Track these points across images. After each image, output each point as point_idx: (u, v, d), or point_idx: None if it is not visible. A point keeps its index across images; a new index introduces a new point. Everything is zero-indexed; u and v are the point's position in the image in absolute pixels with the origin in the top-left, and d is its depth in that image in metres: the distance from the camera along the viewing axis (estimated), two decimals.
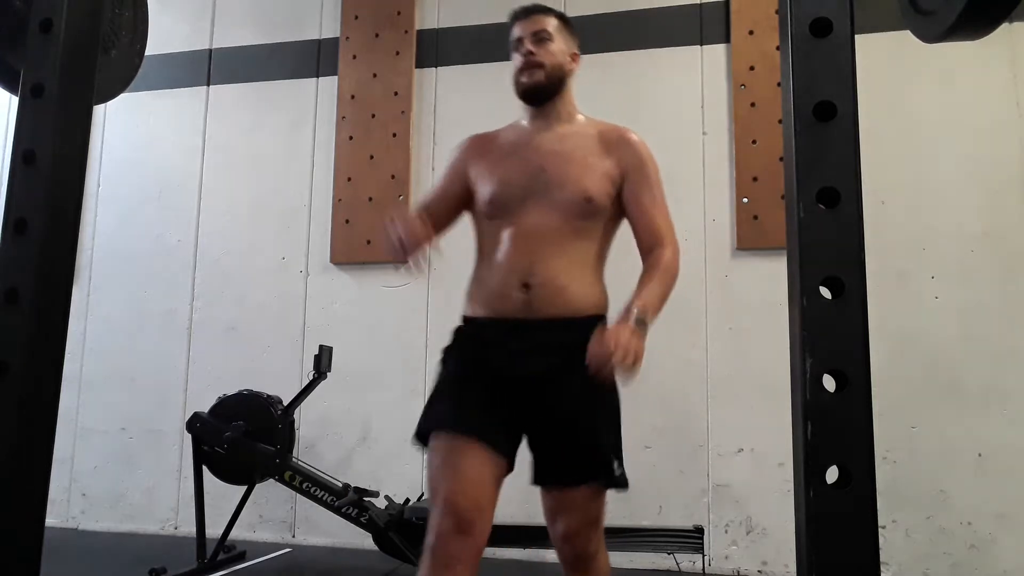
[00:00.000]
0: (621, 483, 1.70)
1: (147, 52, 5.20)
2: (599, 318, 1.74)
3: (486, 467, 1.56)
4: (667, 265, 1.71)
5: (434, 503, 1.53)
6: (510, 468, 1.63)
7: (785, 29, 0.83)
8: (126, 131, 4.64)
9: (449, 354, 1.75)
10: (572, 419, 1.63)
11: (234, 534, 3.45)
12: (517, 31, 1.83)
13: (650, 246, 1.74)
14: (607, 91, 3.99)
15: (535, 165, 1.75)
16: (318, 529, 3.93)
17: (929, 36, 1.06)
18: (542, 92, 1.79)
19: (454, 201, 1.82)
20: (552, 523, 1.69)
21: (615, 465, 1.67)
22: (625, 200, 1.76)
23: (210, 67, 4.56)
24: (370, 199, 4.15)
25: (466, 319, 1.76)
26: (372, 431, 3.99)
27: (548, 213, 1.70)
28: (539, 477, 1.68)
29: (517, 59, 1.81)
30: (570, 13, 4.08)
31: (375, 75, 4.25)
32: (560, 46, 1.81)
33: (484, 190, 1.77)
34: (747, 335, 3.63)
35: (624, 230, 1.83)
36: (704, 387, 3.65)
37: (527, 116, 1.86)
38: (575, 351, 1.56)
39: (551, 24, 1.83)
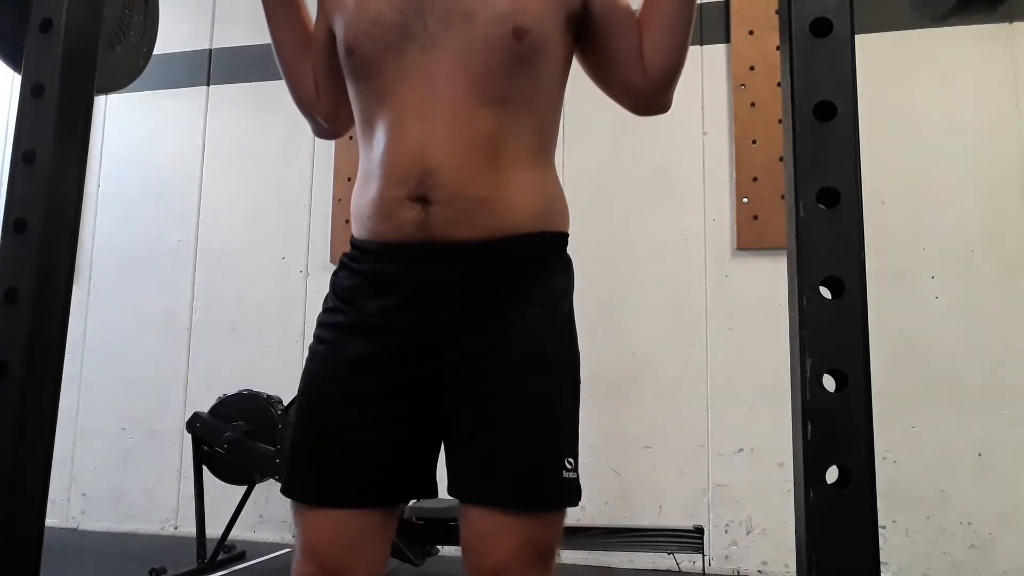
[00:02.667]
0: (572, 496, 1.04)
1: None
2: (549, 236, 1.11)
3: (362, 547, 1.05)
4: None
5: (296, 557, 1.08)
6: (428, 492, 1.10)
7: (785, 29, 0.83)
8: (126, 131, 4.64)
9: (317, 332, 1.20)
10: (502, 399, 1.02)
11: (234, 534, 3.45)
12: None
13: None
14: None
15: None
16: None
17: (935, 14, 0.99)
18: None
19: (335, 51, 1.16)
20: (473, 559, 1.02)
21: (567, 467, 1.03)
22: (600, 16, 1.13)
23: (210, 67, 4.56)
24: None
25: (351, 245, 1.16)
26: None
27: (447, 69, 1.03)
28: (454, 487, 1.06)
29: None
30: None
31: None
32: None
33: (338, 31, 1.13)
34: (747, 335, 3.63)
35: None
36: (704, 387, 3.65)
37: None
38: (503, 290, 1.05)
39: None
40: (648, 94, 1.18)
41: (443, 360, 1.05)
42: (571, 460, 1.03)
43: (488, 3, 1.03)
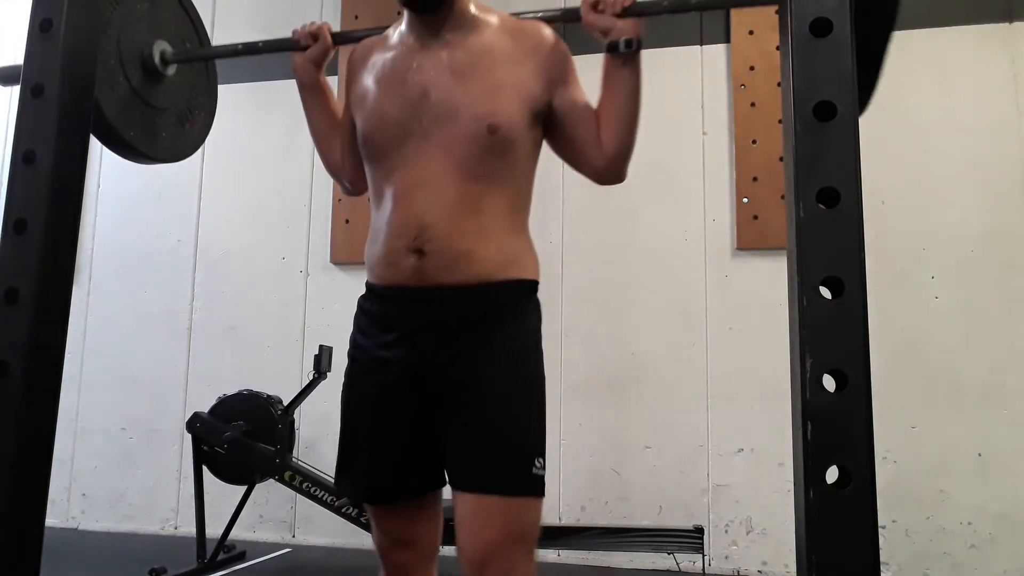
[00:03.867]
0: (537, 488, 1.29)
1: None
2: (519, 283, 1.37)
3: (414, 519, 1.39)
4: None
5: (381, 567, 1.43)
6: (436, 485, 1.40)
7: (785, 29, 0.83)
8: None
9: (351, 357, 1.45)
10: (473, 411, 1.30)
11: (234, 534, 3.45)
12: None
13: None
14: None
15: (416, 91, 1.35)
16: (318, 529, 3.93)
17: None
18: None
19: (353, 135, 1.49)
20: (462, 538, 1.27)
21: (536, 465, 1.28)
22: (562, 112, 1.39)
23: None
24: (370, 199, 4.15)
25: (367, 287, 1.47)
26: None
27: (437, 156, 1.32)
28: (451, 479, 1.35)
29: None
30: None
31: None
32: None
33: (358, 125, 1.44)
34: (747, 335, 3.63)
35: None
36: (704, 387, 3.65)
37: (407, 20, 1.43)
38: (482, 325, 1.32)
39: None
40: (605, 170, 1.42)
41: (436, 383, 1.33)
42: (540, 460, 1.30)
43: (468, 106, 1.32)
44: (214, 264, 4.38)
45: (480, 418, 1.29)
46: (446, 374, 1.32)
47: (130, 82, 1.48)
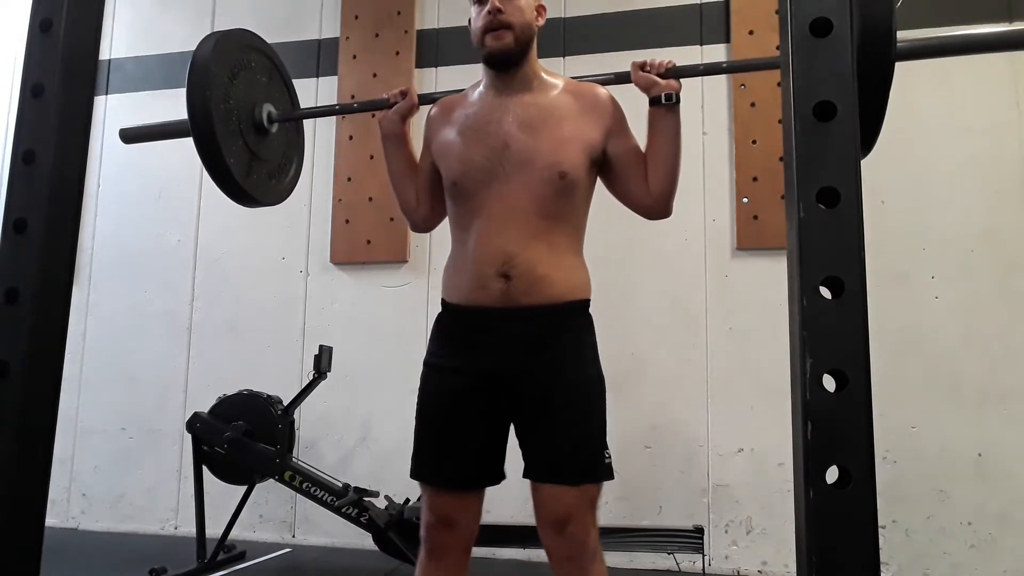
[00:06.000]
0: (608, 474, 1.60)
1: (147, 52, 5.18)
2: (581, 303, 1.65)
3: (464, 505, 1.61)
4: None
5: (423, 545, 1.62)
6: (500, 479, 1.66)
7: (785, 29, 0.83)
8: None
9: (429, 364, 1.68)
10: (557, 412, 1.56)
11: (234, 534, 3.45)
12: None
13: None
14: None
15: (499, 141, 1.60)
16: (318, 529, 3.93)
17: None
18: (510, 57, 1.62)
19: (436, 178, 1.73)
20: (542, 515, 1.56)
21: (605, 457, 1.59)
22: (615, 157, 1.65)
23: None
24: (370, 199, 4.15)
25: (445, 304, 1.69)
26: (372, 431, 3.99)
27: (518, 196, 1.57)
28: (529, 471, 1.60)
29: (480, 15, 1.64)
30: (570, 13, 4.11)
31: (375, 75, 4.25)
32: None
33: (445, 171, 1.67)
34: (747, 335, 3.63)
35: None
36: (704, 387, 3.65)
37: (488, 81, 1.69)
38: (557, 340, 1.57)
39: None
40: (652, 207, 1.68)
41: (516, 389, 1.58)
42: (607, 452, 1.60)
43: (542, 156, 1.58)
44: (214, 264, 4.38)
45: (559, 420, 1.55)
46: (525, 381, 1.56)
47: (244, 137, 1.77)
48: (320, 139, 4.33)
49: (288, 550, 3.83)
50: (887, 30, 1.18)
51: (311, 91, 4.40)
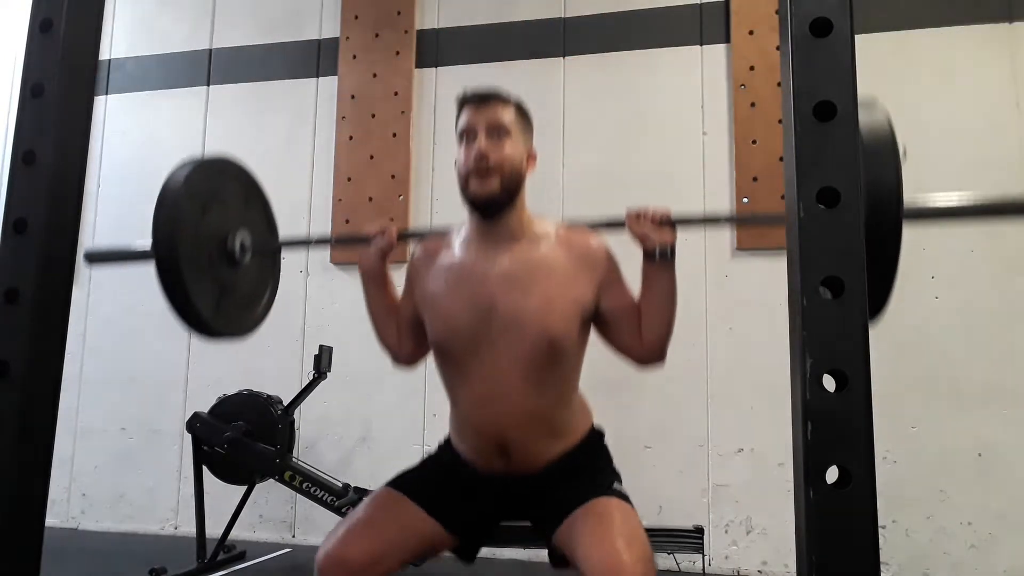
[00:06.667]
0: (623, 496, 1.52)
1: (147, 52, 5.18)
2: (584, 440, 1.61)
3: (404, 525, 1.50)
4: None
5: (332, 532, 1.52)
6: (463, 549, 1.60)
7: (785, 29, 0.83)
8: (126, 131, 4.64)
9: (430, 458, 1.67)
10: (564, 492, 1.53)
11: (234, 534, 3.45)
12: (468, 119, 1.54)
13: None
14: (607, 91, 4.00)
15: (484, 300, 1.51)
16: (318, 529, 3.93)
17: None
18: (496, 203, 1.52)
19: (418, 320, 1.66)
20: (587, 555, 1.36)
21: (615, 485, 1.54)
22: (608, 311, 1.57)
23: (210, 67, 4.56)
24: (370, 199, 4.16)
25: (452, 446, 1.65)
26: (372, 431, 3.99)
27: (506, 366, 1.49)
28: (548, 529, 1.52)
29: (466, 157, 1.52)
30: (570, 13, 4.11)
31: (375, 75, 4.25)
32: (518, 145, 1.54)
33: (430, 328, 1.59)
34: (747, 335, 3.63)
35: None
36: (704, 387, 3.65)
37: (473, 229, 1.59)
38: (561, 480, 1.54)
39: (509, 116, 1.54)
40: (645, 358, 1.59)
41: (521, 510, 1.60)
42: (618, 485, 1.54)
43: (531, 321, 1.49)
44: None
45: (570, 505, 1.49)
46: (531, 509, 1.58)
47: (214, 272, 1.66)
48: (320, 139, 4.33)
49: (288, 550, 3.83)
50: (894, 194, 1.11)
51: (311, 91, 4.40)
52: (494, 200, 1.51)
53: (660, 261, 1.53)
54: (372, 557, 1.46)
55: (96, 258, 1.86)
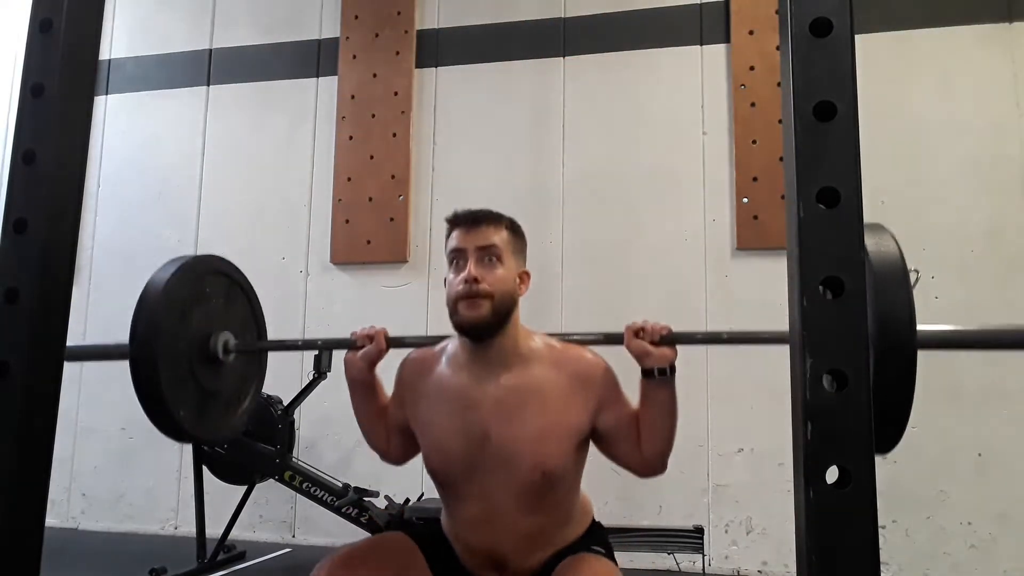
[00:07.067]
0: (605, 554, 1.56)
1: (147, 52, 5.17)
2: (587, 532, 1.60)
3: (399, 559, 1.51)
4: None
5: (333, 555, 1.52)
6: None
7: (785, 29, 0.83)
8: (126, 131, 4.64)
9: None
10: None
11: (234, 534, 3.45)
12: (458, 241, 1.49)
13: None
14: (607, 91, 4.00)
15: (478, 431, 1.48)
16: (318, 529, 3.93)
17: None
18: (486, 329, 1.46)
19: (407, 427, 1.63)
20: None
21: (594, 547, 1.56)
22: (606, 430, 1.53)
23: (210, 67, 4.56)
24: (370, 199, 4.16)
25: (442, 538, 1.63)
26: None
27: (501, 495, 1.48)
28: None
29: (455, 280, 1.47)
30: (570, 13, 4.11)
31: (375, 75, 4.25)
32: (510, 267, 1.50)
33: (424, 448, 1.59)
34: None
35: None
36: (704, 387, 3.65)
37: (463, 353, 1.54)
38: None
39: (501, 238, 1.50)
40: (645, 471, 1.57)
41: None
42: (599, 548, 1.55)
43: (523, 452, 1.47)
44: None
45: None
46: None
47: (196, 377, 1.61)
48: (320, 139, 4.33)
49: (288, 550, 3.83)
50: (908, 324, 1.08)
51: (311, 91, 4.40)
52: (484, 326, 1.46)
53: (660, 378, 1.49)
54: None
55: (73, 357, 1.81)
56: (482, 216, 1.51)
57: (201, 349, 1.66)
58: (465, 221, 1.51)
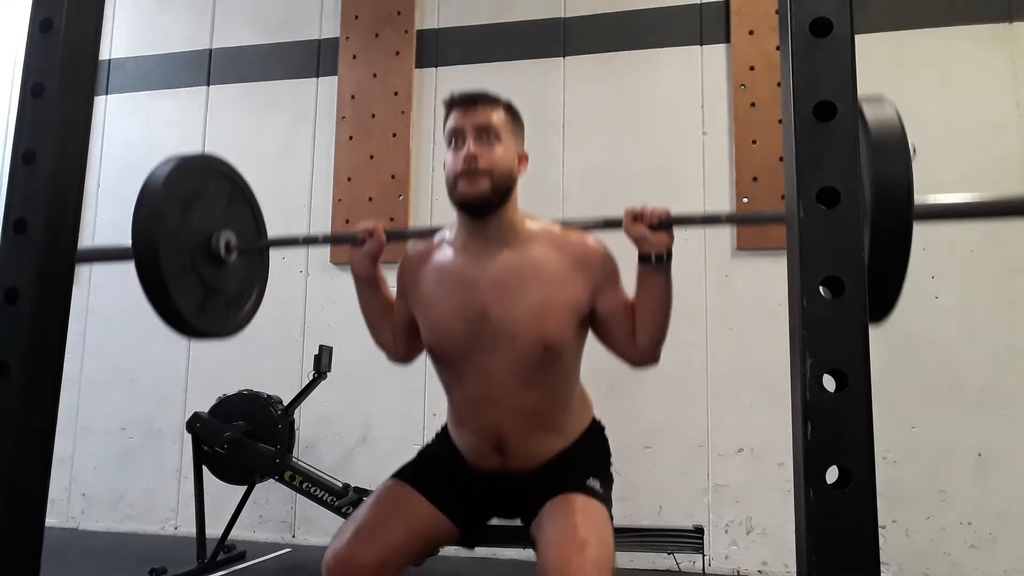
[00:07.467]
0: (599, 496, 1.52)
1: (147, 52, 5.18)
2: (583, 436, 1.62)
3: (410, 519, 1.51)
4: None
5: (341, 532, 1.51)
6: (465, 538, 1.60)
7: (785, 29, 0.83)
8: (126, 131, 4.64)
9: (427, 448, 1.70)
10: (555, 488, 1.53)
11: (234, 534, 3.45)
12: (456, 121, 1.51)
13: None
14: (607, 91, 4.00)
15: (476, 310, 1.50)
16: (318, 529, 3.93)
17: None
18: (485, 205, 1.48)
19: (412, 320, 1.65)
20: (541, 559, 1.39)
21: (590, 480, 1.53)
22: (603, 314, 1.55)
23: (210, 67, 4.56)
24: (370, 199, 4.16)
25: (447, 441, 1.66)
26: (372, 431, 3.99)
27: (501, 371, 1.49)
28: (528, 524, 1.55)
29: (454, 159, 1.49)
30: (570, 13, 4.11)
31: (375, 75, 4.25)
32: (508, 147, 1.51)
33: (423, 331, 1.60)
34: (747, 335, 3.63)
35: None
36: (704, 387, 3.65)
37: (463, 233, 1.56)
38: (557, 477, 1.54)
39: (499, 117, 1.51)
40: (639, 359, 1.59)
41: (515, 503, 1.59)
42: (598, 483, 1.53)
43: (524, 328, 1.48)
44: None
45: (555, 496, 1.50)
46: (522, 506, 1.57)
47: (198, 271, 1.65)
48: (320, 139, 4.33)
49: (288, 550, 3.83)
50: (905, 192, 1.08)
51: (311, 91, 4.40)
52: (484, 201, 1.48)
53: (656, 264, 1.51)
54: (381, 560, 1.45)
55: (82, 259, 1.85)
56: (479, 96, 1.52)
57: (203, 245, 1.69)
58: (463, 102, 1.52)
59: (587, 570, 1.31)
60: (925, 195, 1.14)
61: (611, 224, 1.58)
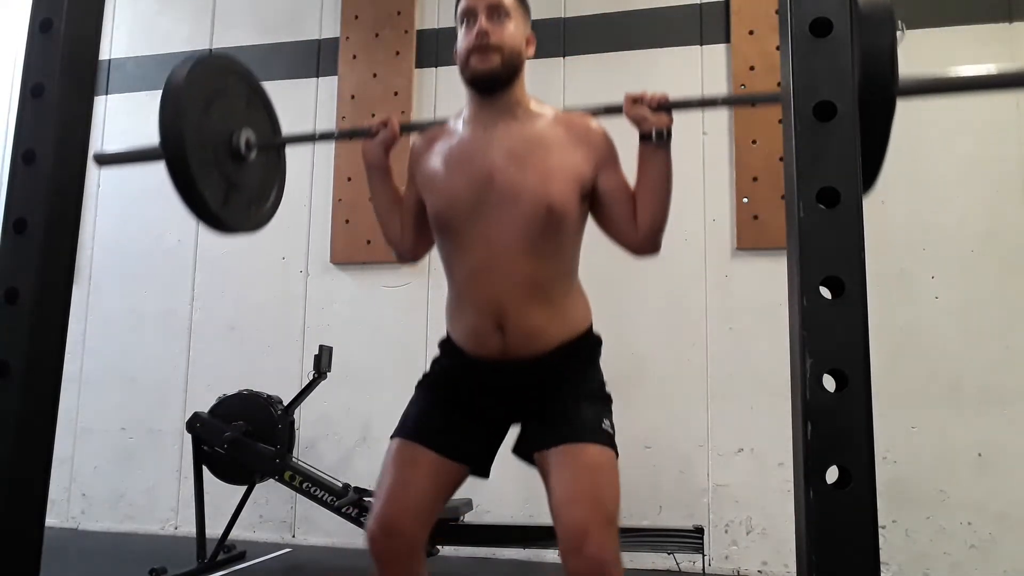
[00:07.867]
0: (608, 440, 1.53)
1: (147, 52, 5.18)
2: (580, 337, 1.63)
3: (429, 475, 1.55)
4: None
5: (373, 504, 1.57)
6: (478, 471, 1.63)
7: (785, 29, 0.83)
8: (126, 131, 4.64)
9: (425, 378, 1.71)
10: (558, 403, 1.56)
11: (234, 534, 3.45)
12: (468, 1, 1.57)
13: None
14: (607, 91, 4.00)
15: (482, 173, 1.54)
16: (318, 529, 3.93)
17: None
18: (496, 80, 1.55)
19: (421, 210, 1.68)
20: (557, 513, 1.45)
21: (603, 423, 1.54)
22: (604, 193, 1.58)
23: None
24: (370, 199, 4.15)
25: (447, 343, 1.68)
26: (372, 431, 3.99)
27: (504, 235, 1.52)
28: (523, 444, 1.60)
29: (466, 36, 1.56)
30: (570, 13, 4.11)
31: (375, 75, 4.25)
32: (518, 27, 1.58)
33: (430, 203, 1.62)
34: (747, 335, 3.63)
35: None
36: (704, 387, 3.65)
37: (472, 108, 1.62)
38: (556, 377, 1.57)
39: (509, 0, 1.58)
40: (639, 246, 1.63)
41: (519, 411, 1.61)
42: (607, 421, 1.55)
43: (528, 190, 1.51)
44: (214, 264, 4.38)
45: (561, 410, 1.53)
46: (529, 407, 1.58)
47: (220, 166, 1.70)
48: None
49: (288, 550, 3.83)
50: (888, 66, 1.12)
51: (311, 91, 4.40)
52: (495, 76, 1.55)
53: (656, 143, 1.56)
54: (419, 517, 1.52)
55: (106, 160, 1.91)
56: None
57: (224, 143, 1.73)
58: None
59: (603, 531, 1.39)
60: (910, 70, 1.19)
61: (612, 110, 1.62)
